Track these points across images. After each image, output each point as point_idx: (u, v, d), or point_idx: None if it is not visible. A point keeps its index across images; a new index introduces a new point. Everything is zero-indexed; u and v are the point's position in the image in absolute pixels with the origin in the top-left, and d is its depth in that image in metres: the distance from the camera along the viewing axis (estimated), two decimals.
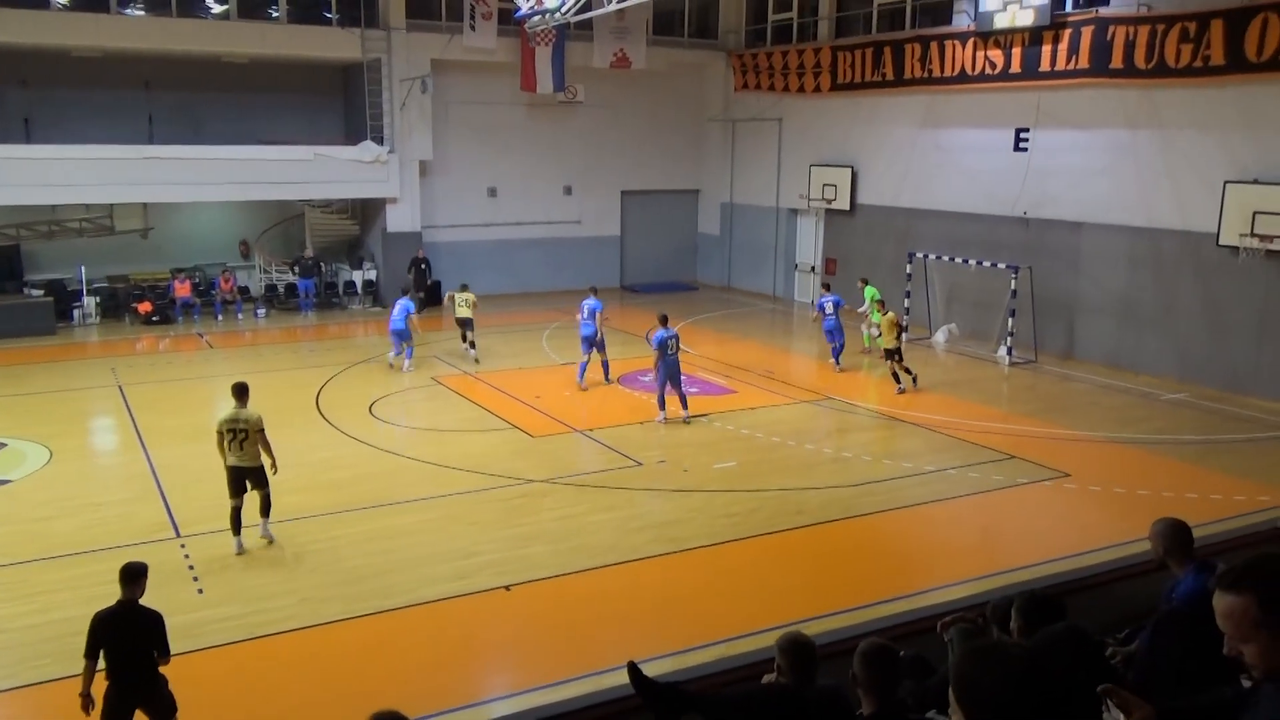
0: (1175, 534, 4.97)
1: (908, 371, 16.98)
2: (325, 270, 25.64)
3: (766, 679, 4.65)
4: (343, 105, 26.33)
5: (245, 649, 8.20)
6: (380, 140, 24.14)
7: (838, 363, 18.61)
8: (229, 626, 8.51)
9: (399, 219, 24.92)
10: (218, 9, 23.41)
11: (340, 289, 25.52)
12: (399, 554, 10.13)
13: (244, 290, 24.53)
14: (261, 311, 23.99)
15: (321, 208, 25.45)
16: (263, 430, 10.24)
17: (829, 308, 18.44)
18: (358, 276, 25.46)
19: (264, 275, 25.30)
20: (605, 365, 17.25)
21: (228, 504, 10.16)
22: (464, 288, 19.35)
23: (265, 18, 23.77)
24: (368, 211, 25.81)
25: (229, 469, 10.20)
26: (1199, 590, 4.56)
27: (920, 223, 22.48)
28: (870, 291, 19.25)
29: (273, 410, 15.60)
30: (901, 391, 16.75)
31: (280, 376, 18.01)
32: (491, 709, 7.38)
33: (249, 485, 10.30)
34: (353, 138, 24.66)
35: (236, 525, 10.13)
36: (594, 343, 16.82)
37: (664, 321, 15.09)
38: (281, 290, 25.06)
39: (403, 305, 18.10)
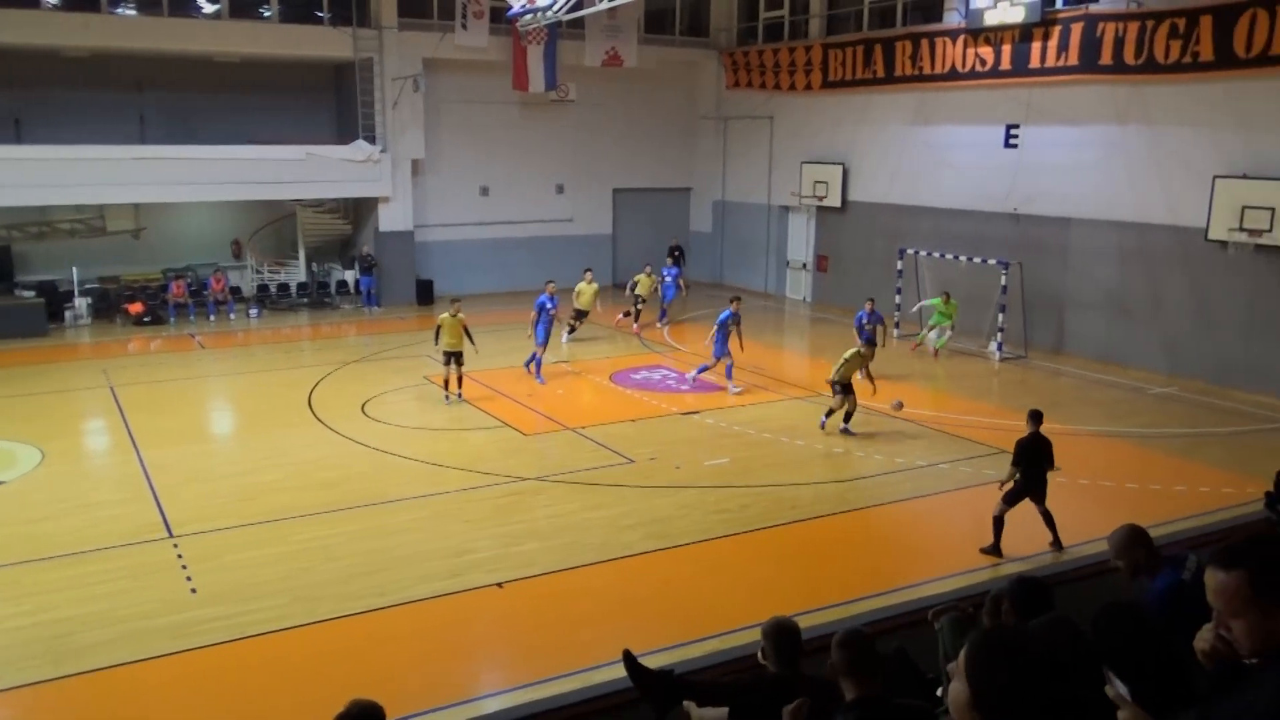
0: (1139, 540, 4.94)
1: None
2: (317, 270, 25.64)
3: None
4: (335, 104, 26.32)
5: (237, 648, 8.21)
6: (372, 139, 24.15)
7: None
8: (221, 626, 8.53)
9: (392, 218, 24.92)
10: (209, 8, 23.37)
11: (332, 288, 25.50)
12: (391, 552, 10.16)
13: (236, 290, 24.51)
14: (255, 311, 23.96)
15: (314, 207, 25.43)
16: None
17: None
18: (349, 276, 25.45)
19: (256, 275, 25.29)
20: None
21: (219, 505, 10.12)
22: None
23: (257, 17, 23.72)
24: (360, 211, 25.81)
25: None
26: (1175, 585, 4.60)
27: (911, 219, 22.54)
28: (935, 301, 19.57)
29: (265, 410, 15.75)
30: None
31: (273, 376, 18.03)
32: (485, 705, 7.41)
33: None
34: (345, 137, 24.67)
35: None
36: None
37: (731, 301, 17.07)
38: (274, 290, 25.04)
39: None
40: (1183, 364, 17.65)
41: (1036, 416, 10.36)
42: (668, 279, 22.68)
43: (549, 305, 17.57)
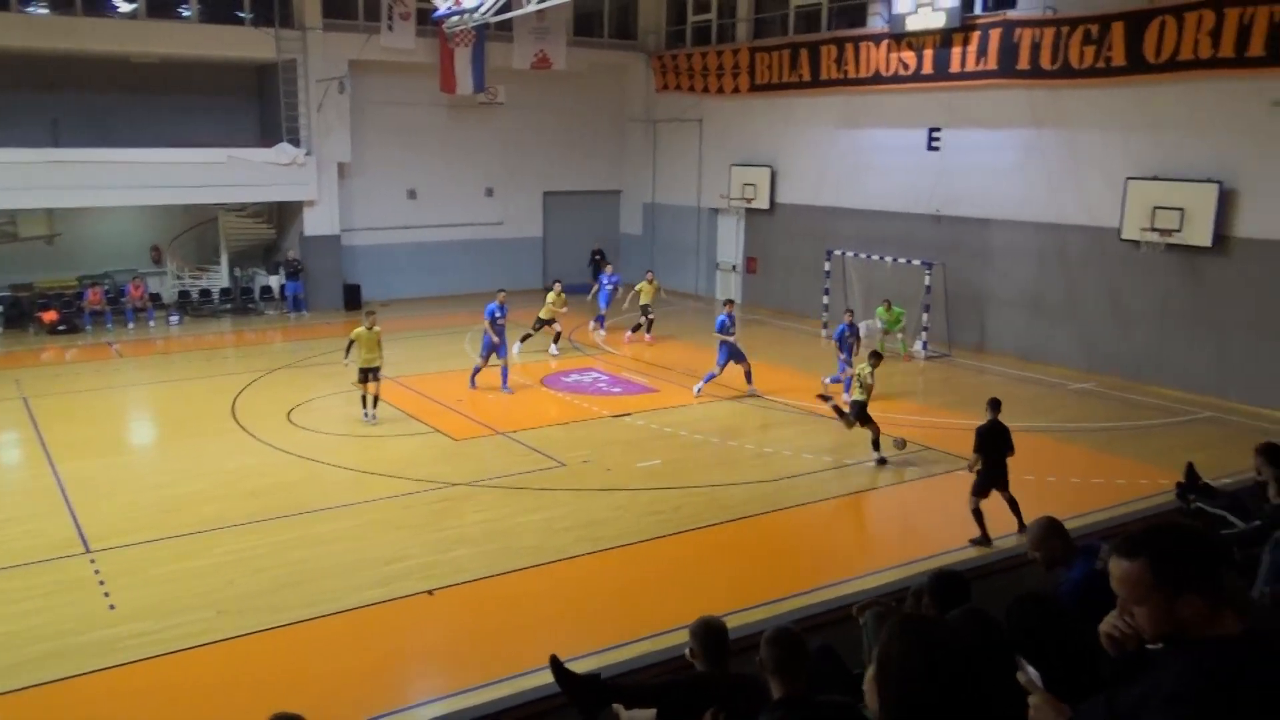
0: (1056, 532, 5.13)
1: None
2: (241, 275, 25.12)
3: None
4: (258, 106, 25.81)
5: (160, 664, 8.01)
6: (297, 142, 23.74)
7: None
8: (144, 642, 8.30)
9: (317, 222, 24.54)
10: (126, 7, 22.77)
11: (256, 294, 25.00)
12: (320, 562, 10.00)
13: (155, 297, 23.88)
14: (175, 318, 23.38)
15: (236, 211, 24.89)
16: None
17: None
18: (274, 282, 24.97)
19: (177, 281, 24.67)
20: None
21: (137, 517, 9.87)
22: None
23: (175, 17, 23.18)
24: (285, 215, 25.34)
25: None
26: (1089, 574, 4.75)
27: (838, 221, 22.86)
28: (879, 311, 19.65)
29: (187, 419, 15.38)
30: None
31: (195, 385, 17.61)
32: (418, 714, 7.35)
33: None
34: (268, 140, 24.20)
35: None
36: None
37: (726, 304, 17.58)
38: (195, 296, 24.47)
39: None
40: (1100, 360, 18.18)
41: (995, 404, 10.81)
42: (607, 285, 22.23)
43: (499, 314, 16.99)
